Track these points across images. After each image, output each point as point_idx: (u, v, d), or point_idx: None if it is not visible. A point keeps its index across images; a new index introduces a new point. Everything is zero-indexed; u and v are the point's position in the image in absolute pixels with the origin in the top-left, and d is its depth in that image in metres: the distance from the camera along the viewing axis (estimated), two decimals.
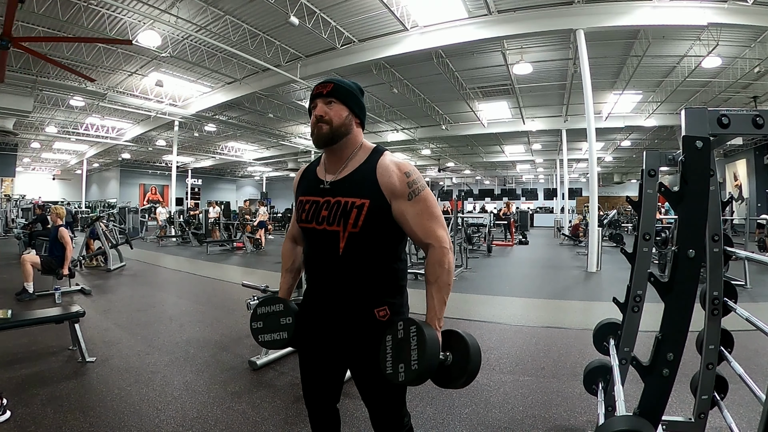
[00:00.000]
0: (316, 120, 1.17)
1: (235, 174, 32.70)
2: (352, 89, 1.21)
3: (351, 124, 1.20)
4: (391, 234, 1.17)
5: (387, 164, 1.16)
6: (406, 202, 1.13)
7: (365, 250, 1.14)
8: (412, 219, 1.13)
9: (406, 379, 1.02)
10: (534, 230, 19.33)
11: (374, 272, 1.17)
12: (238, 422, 2.12)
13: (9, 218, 14.30)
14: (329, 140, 1.17)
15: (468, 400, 2.38)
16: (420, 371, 1.00)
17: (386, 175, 1.14)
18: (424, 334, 1.02)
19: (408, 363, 1.02)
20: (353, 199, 1.13)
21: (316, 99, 1.19)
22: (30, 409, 2.18)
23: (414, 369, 1.01)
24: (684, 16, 7.04)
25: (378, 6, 7.53)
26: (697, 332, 1.70)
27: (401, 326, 1.07)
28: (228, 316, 4.24)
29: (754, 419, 2.01)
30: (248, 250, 10.28)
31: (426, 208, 1.14)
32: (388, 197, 1.13)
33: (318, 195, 1.19)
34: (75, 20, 7.77)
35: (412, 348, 1.02)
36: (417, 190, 1.14)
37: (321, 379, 1.29)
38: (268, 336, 1.25)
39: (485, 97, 12.77)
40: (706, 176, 1.11)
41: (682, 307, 1.13)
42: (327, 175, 1.21)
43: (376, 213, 1.12)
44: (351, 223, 1.12)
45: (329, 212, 1.15)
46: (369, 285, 1.16)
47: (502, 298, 5.23)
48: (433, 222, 1.14)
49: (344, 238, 1.13)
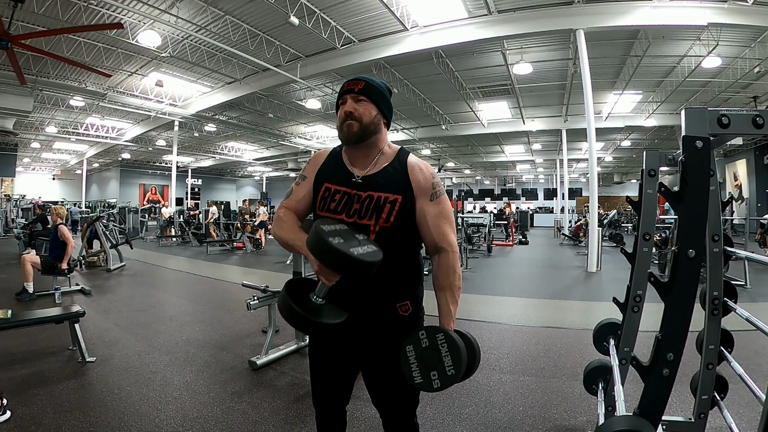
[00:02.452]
0: (345, 116, 1.17)
1: (235, 174, 32.71)
2: (382, 89, 1.22)
3: (380, 123, 1.21)
4: (417, 230, 1.19)
5: (417, 163, 1.20)
6: (428, 202, 1.17)
7: (394, 245, 1.15)
8: (431, 220, 1.16)
9: (441, 385, 1.05)
10: (534, 230, 19.33)
11: (399, 267, 1.19)
12: (238, 422, 2.12)
13: (9, 218, 14.29)
14: (359, 138, 1.17)
15: (468, 400, 2.38)
16: (456, 375, 1.04)
17: (416, 173, 1.18)
18: (455, 340, 1.06)
19: (442, 370, 1.05)
20: (386, 195, 1.15)
21: (346, 95, 1.19)
22: (30, 409, 2.18)
23: (451, 374, 1.04)
24: (684, 16, 7.04)
25: (378, 6, 7.52)
26: (697, 332, 1.70)
27: (423, 335, 1.08)
28: (228, 316, 4.24)
29: (754, 419, 2.01)
30: (248, 250, 10.28)
31: (444, 210, 1.18)
32: (416, 194, 1.16)
33: (349, 187, 1.18)
34: (75, 20, 7.76)
35: (443, 355, 1.05)
36: (439, 192, 1.18)
37: (334, 379, 1.27)
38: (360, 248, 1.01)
39: (485, 97, 12.77)
40: (706, 176, 1.11)
41: (682, 307, 1.13)
42: (356, 169, 1.20)
43: (407, 209, 1.15)
44: (384, 217, 1.13)
45: (361, 206, 1.15)
46: (394, 279, 1.18)
47: (502, 298, 5.23)
48: (448, 226, 1.18)
49: (374, 232, 1.14)
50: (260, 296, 3.06)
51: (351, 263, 0.96)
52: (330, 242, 0.96)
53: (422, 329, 1.09)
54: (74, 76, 10.89)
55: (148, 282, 6.27)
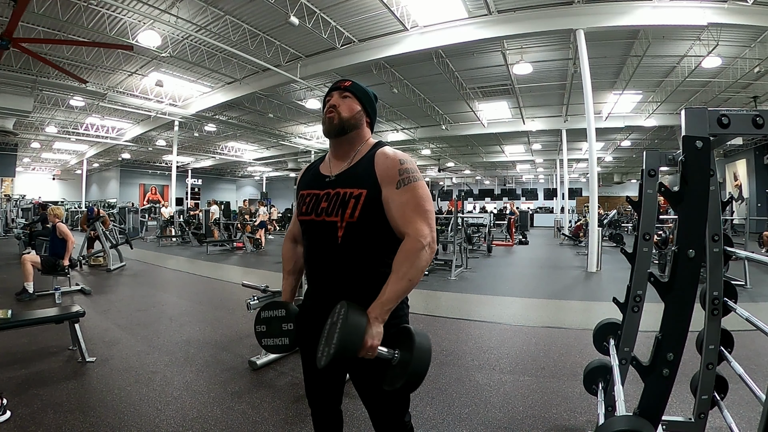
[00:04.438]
0: (328, 109, 1.21)
1: (235, 174, 32.71)
2: (368, 91, 1.28)
3: (361, 120, 1.24)
4: (390, 225, 1.14)
5: (384, 152, 1.17)
6: (393, 189, 1.11)
7: (363, 241, 1.13)
8: (395, 207, 1.10)
9: (324, 362, 0.97)
10: (534, 230, 19.34)
11: (373, 265, 1.14)
12: (238, 422, 2.12)
13: (9, 218, 14.29)
14: (339, 130, 1.19)
15: (468, 400, 2.38)
16: (333, 354, 0.95)
17: (380, 163, 1.15)
18: (348, 318, 0.97)
19: (330, 346, 0.98)
20: (351, 190, 1.14)
21: (333, 92, 1.25)
22: (30, 409, 2.18)
23: (330, 352, 0.96)
24: (684, 16, 7.05)
25: (378, 6, 7.53)
26: (697, 332, 1.70)
27: (338, 309, 1.03)
28: (228, 316, 4.24)
29: (754, 419, 2.01)
30: (248, 250, 10.28)
31: (413, 198, 1.10)
32: (381, 184, 1.13)
33: (319, 188, 1.21)
34: (75, 20, 7.76)
35: (336, 331, 0.98)
36: (408, 180, 1.12)
37: (323, 379, 1.28)
38: (271, 341, 1.27)
39: (485, 97, 12.78)
40: (706, 176, 1.11)
41: (682, 307, 1.13)
42: (333, 168, 1.23)
43: (373, 203, 1.12)
44: (348, 213, 1.12)
45: (328, 203, 1.16)
46: (368, 278, 1.13)
47: (502, 298, 5.23)
48: (417, 214, 1.09)
49: (342, 228, 1.13)
50: (260, 296, 3.06)
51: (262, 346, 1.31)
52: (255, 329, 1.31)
53: (342, 303, 1.03)
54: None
55: (148, 282, 6.27)
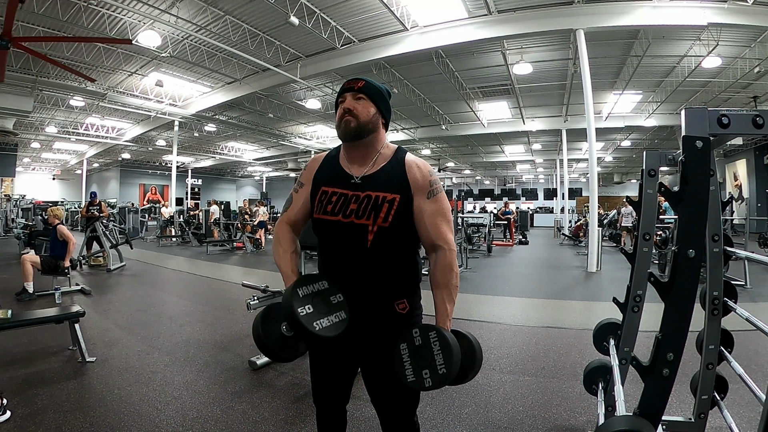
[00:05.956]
0: (343, 113, 1.18)
1: (235, 174, 32.70)
2: (381, 90, 1.24)
3: (378, 122, 1.23)
4: (414, 229, 1.19)
5: (414, 161, 1.21)
6: (425, 199, 1.16)
7: (392, 244, 1.16)
8: (428, 217, 1.15)
9: (433, 384, 1.03)
10: (534, 230, 19.33)
11: (398, 266, 1.19)
12: (238, 422, 2.12)
13: (9, 218, 14.28)
14: (356, 135, 1.18)
15: (468, 400, 2.38)
16: (447, 375, 1.02)
17: (413, 171, 1.18)
18: (447, 339, 1.05)
19: (434, 368, 1.04)
20: (384, 194, 1.14)
21: (346, 93, 1.21)
22: (30, 409, 2.18)
23: (442, 373, 1.03)
24: (684, 16, 7.04)
25: (378, 6, 7.52)
26: (697, 332, 1.70)
27: (417, 333, 1.08)
28: (228, 316, 4.24)
29: (754, 419, 2.01)
30: (248, 250, 10.28)
31: (441, 208, 1.17)
32: (413, 192, 1.16)
33: (347, 188, 1.18)
34: (75, 20, 7.76)
35: (435, 353, 1.04)
36: (436, 190, 1.18)
37: (333, 378, 1.28)
38: (326, 320, 1.05)
39: (485, 97, 12.77)
40: (706, 176, 1.11)
41: (682, 307, 1.13)
42: (353, 170, 1.21)
43: (405, 208, 1.15)
44: (382, 217, 1.13)
45: (359, 206, 1.15)
46: (392, 278, 1.19)
47: (502, 298, 5.23)
48: (446, 224, 1.18)
49: (373, 232, 1.13)
50: (260, 296, 3.06)
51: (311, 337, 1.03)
52: (295, 314, 1.01)
53: (416, 327, 1.10)
54: (74, 76, 10.88)
55: (148, 282, 6.27)
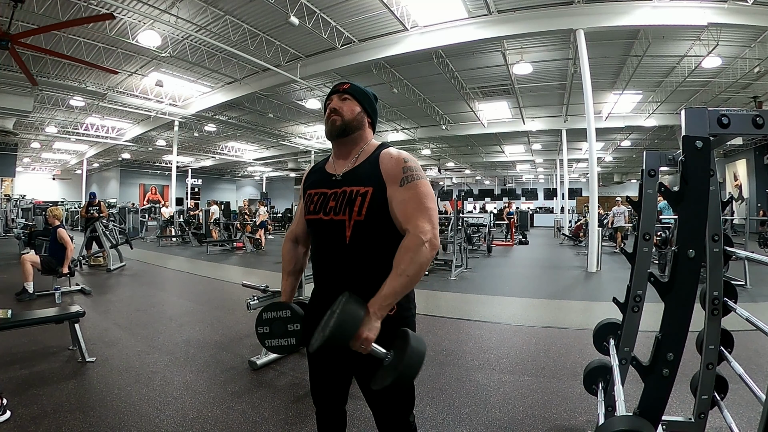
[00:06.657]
0: (330, 112, 1.24)
1: (235, 174, 32.71)
2: (367, 92, 1.30)
3: (363, 121, 1.26)
4: (396, 226, 1.16)
5: (389, 152, 1.21)
6: (397, 187, 1.13)
7: (371, 240, 1.14)
8: (398, 204, 1.11)
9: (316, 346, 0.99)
10: (534, 230, 19.34)
11: (380, 262, 1.12)
12: (238, 422, 2.12)
13: (9, 218, 14.28)
14: (341, 132, 1.22)
15: (468, 400, 2.38)
16: (326, 337, 0.96)
17: (385, 162, 1.18)
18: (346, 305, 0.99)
19: (325, 331, 0.99)
20: (358, 188, 1.16)
21: (333, 95, 1.27)
22: (30, 409, 2.18)
23: (324, 335, 0.97)
24: (684, 16, 7.05)
25: (378, 6, 7.53)
26: (697, 332, 1.70)
27: (339, 299, 1.04)
28: (228, 316, 4.24)
29: (754, 419, 2.01)
30: (248, 250, 10.28)
31: (415, 196, 1.11)
32: (386, 182, 1.15)
33: (327, 187, 1.22)
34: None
35: (334, 317, 0.99)
36: (411, 178, 1.13)
37: (330, 379, 1.28)
38: (276, 341, 1.25)
39: (485, 97, 12.78)
40: (706, 176, 1.11)
41: (682, 307, 1.13)
42: (337, 168, 1.24)
43: (379, 201, 1.14)
44: (356, 211, 1.13)
45: (336, 202, 1.17)
46: (376, 277, 1.09)
47: (502, 298, 5.23)
48: (419, 211, 1.10)
49: (350, 227, 1.14)
50: (260, 296, 3.06)
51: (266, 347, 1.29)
52: (257, 330, 1.28)
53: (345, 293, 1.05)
54: (74, 76, 10.89)
55: (148, 282, 6.27)
